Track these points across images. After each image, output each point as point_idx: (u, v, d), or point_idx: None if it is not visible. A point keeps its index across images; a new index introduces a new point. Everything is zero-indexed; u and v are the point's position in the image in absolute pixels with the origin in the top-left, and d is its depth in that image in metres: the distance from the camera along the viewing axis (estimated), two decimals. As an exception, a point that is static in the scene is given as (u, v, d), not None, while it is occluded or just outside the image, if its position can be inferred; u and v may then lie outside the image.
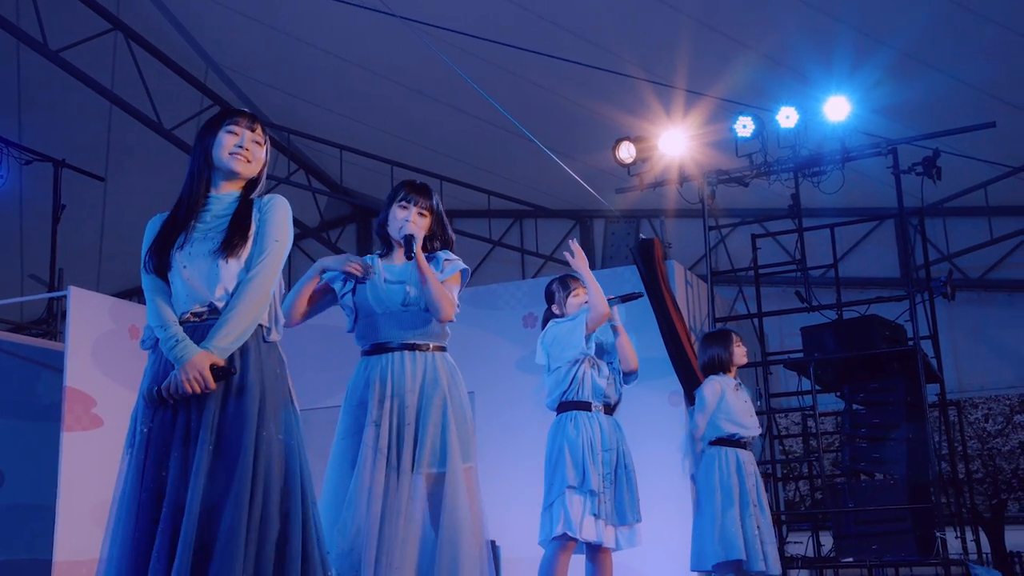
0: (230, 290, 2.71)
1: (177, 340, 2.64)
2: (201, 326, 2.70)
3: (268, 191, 9.73)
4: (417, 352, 3.38)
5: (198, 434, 2.58)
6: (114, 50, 8.66)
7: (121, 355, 6.86)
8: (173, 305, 2.74)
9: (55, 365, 7.70)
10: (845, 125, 6.91)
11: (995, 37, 7.01)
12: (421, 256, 3.37)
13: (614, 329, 4.53)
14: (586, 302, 4.43)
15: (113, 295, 7.97)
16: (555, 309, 4.60)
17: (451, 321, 3.43)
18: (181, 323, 2.71)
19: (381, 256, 3.57)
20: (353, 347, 3.46)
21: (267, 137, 2.94)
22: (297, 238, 13.10)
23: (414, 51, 8.38)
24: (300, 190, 10.69)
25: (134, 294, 10.96)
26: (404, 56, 8.61)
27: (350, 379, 3.47)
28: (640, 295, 4.63)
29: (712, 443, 5.29)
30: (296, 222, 12.00)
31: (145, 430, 2.63)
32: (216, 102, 9.53)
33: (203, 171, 2.85)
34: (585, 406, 4.37)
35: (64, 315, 8.26)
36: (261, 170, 2.92)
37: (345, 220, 12.33)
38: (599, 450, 4.28)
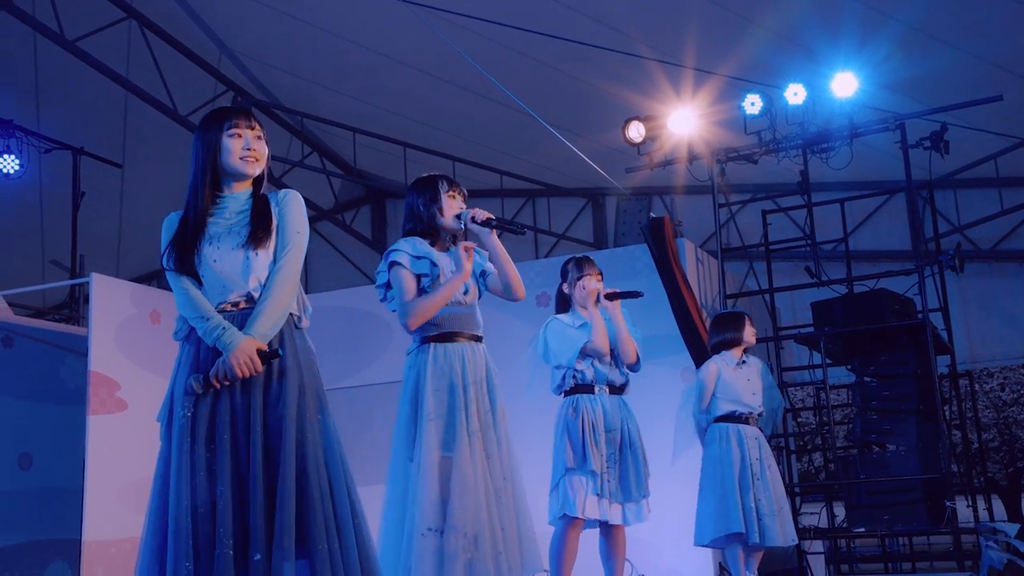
0: (263, 280, 2.85)
1: (223, 328, 2.77)
2: (239, 315, 2.84)
3: (283, 174, 9.77)
4: (478, 344, 3.60)
5: (247, 416, 2.72)
6: (128, 38, 8.77)
7: (143, 339, 7.01)
8: (207, 296, 2.85)
9: (78, 350, 7.87)
10: (853, 101, 6.94)
11: (1002, 9, 7.02)
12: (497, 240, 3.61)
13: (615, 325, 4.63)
14: (595, 289, 4.56)
15: (132, 280, 8.12)
16: (564, 288, 4.71)
17: (523, 300, 3.69)
18: (218, 312, 2.83)
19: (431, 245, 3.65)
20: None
21: (263, 128, 3.03)
22: (312, 220, 13.32)
23: (425, 33, 8.43)
24: (314, 173, 10.80)
25: (153, 278, 11.13)
26: (415, 38, 8.67)
27: (419, 363, 3.54)
28: (640, 294, 4.71)
29: (714, 421, 5.40)
30: (311, 204, 12.12)
31: (189, 414, 2.73)
32: (230, 87, 9.64)
33: (207, 176, 2.91)
34: (588, 389, 4.48)
35: (86, 300, 8.42)
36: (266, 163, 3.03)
37: (359, 202, 12.43)
38: (601, 431, 4.39)
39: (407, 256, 3.54)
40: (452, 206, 3.64)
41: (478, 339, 3.62)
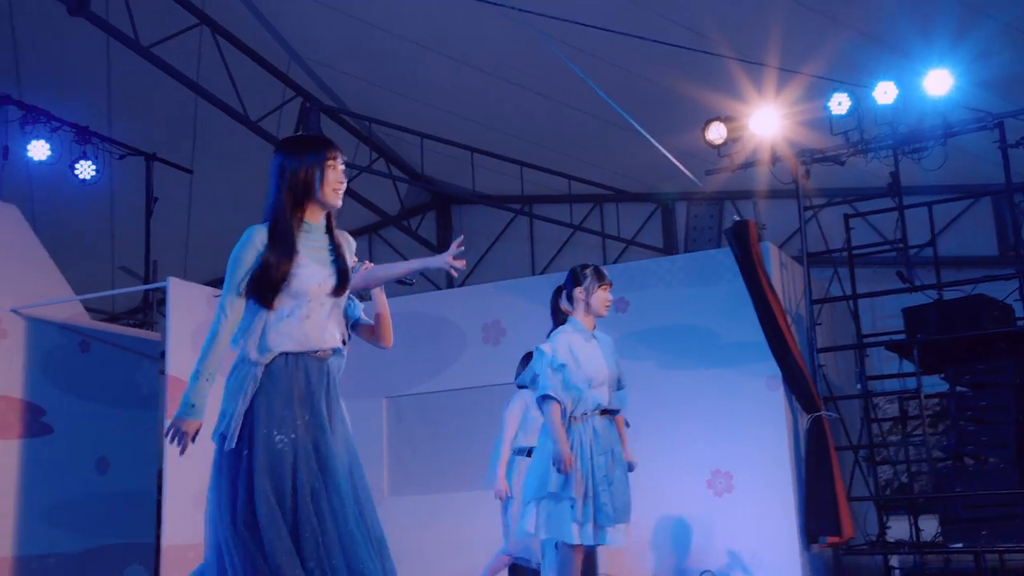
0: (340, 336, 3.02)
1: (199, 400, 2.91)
2: (325, 362, 2.98)
3: (350, 180, 9.72)
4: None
5: (323, 447, 2.84)
6: (200, 44, 8.78)
7: (219, 344, 6.98)
8: (291, 337, 2.89)
9: (152, 354, 7.88)
10: (947, 99, 6.68)
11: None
12: None
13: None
14: (609, 301, 4.43)
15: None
16: (579, 293, 4.43)
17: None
18: (313, 355, 2.92)
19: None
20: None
21: None
22: (378, 226, 13.24)
23: (492, 35, 8.32)
24: (381, 178, 10.75)
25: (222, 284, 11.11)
26: (482, 41, 8.57)
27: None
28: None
29: None
30: (377, 210, 12.09)
31: (287, 441, 2.83)
32: (299, 93, 9.62)
33: (301, 202, 2.92)
34: (580, 416, 4.30)
35: (159, 305, 8.42)
36: None
37: (425, 207, 12.35)
38: (589, 455, 4.22)
39: None
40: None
41: None
